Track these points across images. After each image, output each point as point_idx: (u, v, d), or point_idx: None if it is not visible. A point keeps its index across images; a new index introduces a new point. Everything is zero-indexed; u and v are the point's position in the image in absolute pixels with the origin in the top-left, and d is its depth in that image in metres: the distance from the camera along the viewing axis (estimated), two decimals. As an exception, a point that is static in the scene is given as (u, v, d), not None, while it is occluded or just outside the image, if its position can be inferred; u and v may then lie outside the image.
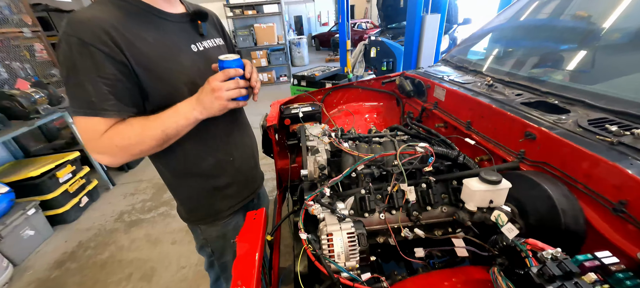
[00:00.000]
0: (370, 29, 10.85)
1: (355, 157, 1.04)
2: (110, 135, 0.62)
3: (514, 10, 1.46)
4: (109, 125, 0.62)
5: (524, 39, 1.31)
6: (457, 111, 1.14)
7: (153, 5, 0.70)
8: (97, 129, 0.62)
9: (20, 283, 1.79)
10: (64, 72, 0.59)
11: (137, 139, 0.64)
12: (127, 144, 0.64)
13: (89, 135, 0.62)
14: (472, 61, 1.41)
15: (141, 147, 0.66)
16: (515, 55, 1.25)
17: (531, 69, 1.11)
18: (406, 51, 2.87)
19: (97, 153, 0.65)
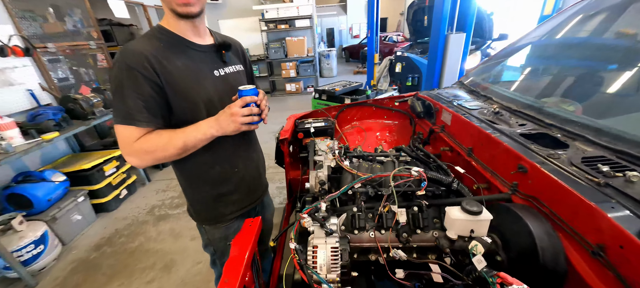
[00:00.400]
0: (401, 43, 10.75)
1: (353, 175, 1.09)
2: (141, 142, 0.76)
3: (533, 35, 1.43)
4: (141, 133, 0.76)
5: (537, 66, 1.27)
6: (461, 137, 1.14)
7: (186, 38, 0.84)
8: (131, 136, 0.76)
9: (66, 261, 2.08)
10: (112, 88, 0.75)
11: (162, 147, 0.78)
12: (153, 149, 0.77)
13: (124, 140, 0.76)
14: (484, 85, 1.39)
15: (164, 154, 0.79)
16: (527, 83, 1.22)
17: (542, 98, 1.09)
18: (428, 70, 2.84)
19: (128, 155, 0.78)
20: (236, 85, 0.98)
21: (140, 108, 0.74)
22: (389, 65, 4.34)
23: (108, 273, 1.92)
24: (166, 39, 0.81)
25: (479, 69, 1.66)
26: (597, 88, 1.01)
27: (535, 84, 1.23)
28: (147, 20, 4.80)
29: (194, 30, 0.86)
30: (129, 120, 0.74)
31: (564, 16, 1.33)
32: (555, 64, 1.26)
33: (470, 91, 1.45)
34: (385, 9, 16.09)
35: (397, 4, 16.44)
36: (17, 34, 2.54)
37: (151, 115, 0.77)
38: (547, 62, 1.29)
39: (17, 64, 2.49)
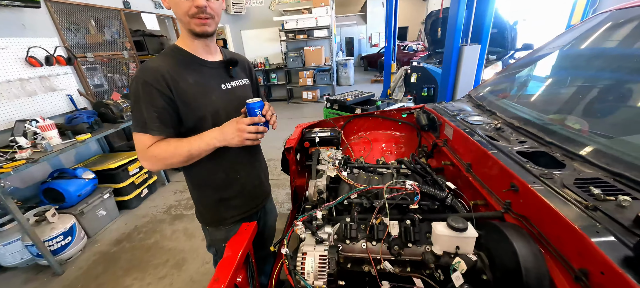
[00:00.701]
0: (421, 52, 10.61)
1: (350, 186, 1.12)
2: (153, 149, 0.84)
3: (546, 48, 1.39)
4: (153, 141, 0.85)
5: (546, 80, 1.24)
6: (461, 152, 1.13)
7: (197, 56, 0.93)
8: (145, 143, 0.84)
9: (89, 253, 2.25)
10: (132, 100, 0.85)
11: (171, 154, 0.85)
12: (163, 156, 0.85)
13: (139, 147, 0.86)
14: (491, 100, 1.37)
15: (172, 161, 0.87)
16: (534, 98, 1.19)
17: (548, 114, 1.06)
18: (442, 81, 2.80)
19: (142, 160, 0.87)
20: (242, 97, 1.05)
21: (153, 118, 0.82)
22: (404, 75, 4.31)
23: (125, 266, 2.06)
24: (180, 57, 0.91)
25: (489, 82, 1.63)
26: (607, 105, 0.97)
27: (543, 99, 1.20)
28: (175, 31, 5.14)
29: (206, 48, 0.95)
30: (144, 128, 0.83)
31: (581, 29, 1.29)
32: (564, 79, 1.22)
33: (477, 105, 1.43)
34: (406, 18, 15.99)
35: (418, 13, 16.29)
36: (62, 45, 2.84)
37: (163, 125, 0.85)
38: (557, 77, 1.25)
39: (59, 72, 2.78)
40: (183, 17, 0.84)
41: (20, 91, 2.40)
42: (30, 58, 2.46)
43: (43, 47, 2.59)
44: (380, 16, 13.74)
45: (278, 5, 7.19)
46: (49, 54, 2.62)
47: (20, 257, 2.05)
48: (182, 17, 0.84)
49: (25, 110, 2.43)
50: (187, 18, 0.83)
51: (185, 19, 0.83)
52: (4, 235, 1.99)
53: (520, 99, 1.29)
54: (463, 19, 2.43)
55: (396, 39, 6.43)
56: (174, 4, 0.83)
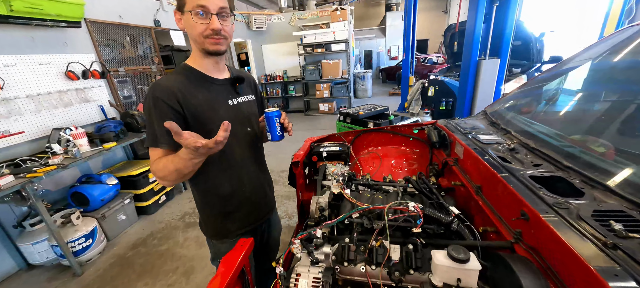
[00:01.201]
0: (441, 65, 10.38)
1: (352, 204, 1.09)
2: (157, 162, 0.87)
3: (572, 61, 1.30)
4: (162, 154, 0.87)
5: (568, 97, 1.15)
6: (471, 172, 1.07)
7: (207, 74, 0.98)
8: (155, 156, 0.88)
9: (108, 256, 2.36)
10: (145, 115, 0.89)
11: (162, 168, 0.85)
12: (161, 169, 0.86)
13: (151, 160, 0.89)
14: (507, 117, 1.29)
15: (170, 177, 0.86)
16: (554, 116, 1.11)
17: (569, 134, 0.97)
18: (460, 96, 2.71)
19: (152, 172, 0.90)
20: (247, 112, 1.09)
21: (163, 133, 0.85)
22: (421, 88, 4.22)
23: (138, 271, 2.13)
24: (190, 75, 0.95)
25: (506, 97, 1.55)
26: (638, 127, 0.87)
27: (564, 117, 1.11)
28: (199, 46, 5.45)
29: (216, 66, 1.00)
30: (154, 142, 0.86)
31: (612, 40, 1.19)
32: (591, 96, 1.13)
33: (491, 123, 1.35)
34: (427, 30, 15.85)
35: (439, 25, 16.10)
36: (97, 60, 3.10)
37: (172, 139, 0.86)
38: (583, 93, 1.15)
39: (94, 85, 3.02)
40: (198, 38, 0.88)
41: (59, 102, 2.63)
42: (69, 72, 2.70)
43: (81, 63, 2.84)
44: (399, 29, 13.71)
45: (298, 21, 7.41)
46: (85, 68, 2.87)
47: (46, 257, 2.19)
48: (196, 38, 0.88)
49: (61, 119, 2.65)
50: (201, 38, 0.88)
51: (200, 39, 0.88)
52: (33, 234, 2.15)
53: (539, 116, 1.21)
54: (481, 32, 2.35)
55: (414, 52, 6.36)
56: (189, 25, 0.87)
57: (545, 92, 1.30)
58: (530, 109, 1.28)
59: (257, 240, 1.27)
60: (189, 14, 0.84)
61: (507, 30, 2.38)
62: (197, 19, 0.84)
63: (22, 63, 2.34)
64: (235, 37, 6.81)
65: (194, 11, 0.83)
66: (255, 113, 1.15)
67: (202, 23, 0.85)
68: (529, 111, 1.28)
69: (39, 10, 2.28)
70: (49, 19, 2.42)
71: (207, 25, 0.85)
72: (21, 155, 2.24)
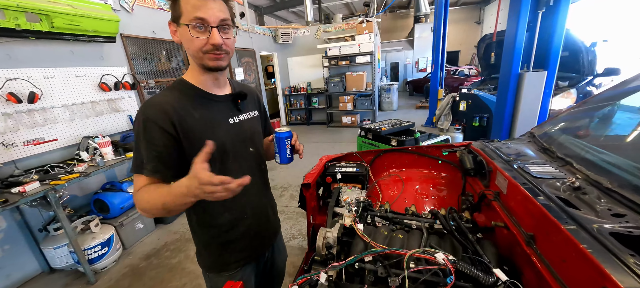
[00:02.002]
0: (473, 77, 9.78)
1: (366, 244, 0.92)
2: (142, 192, 0.76)
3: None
4: (146, 183, 0.76)
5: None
6: (520, 214, 0.85)
7: (206, 90, 0.88)
8: (138, 184, 0.77)
9: (122, 265, 2.37)
10: (134, 138, 0.80)
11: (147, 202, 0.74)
12: (144, 204, 0.75)
13: (134, 187, 0.79)
14: (564, 143, 1.04)
15: (152, 211, 0.75)
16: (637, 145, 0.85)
17: (661, 174, 0.72)
18: (497, 113, 2.41)
19: (135, 202, 0.78)
20: (250, 130, 0.97)
21: (151, 158, 0.76)
22: (452, 102, 3.91)
23: (148, 284, 2.09)
24: (187, 91, 0.85)
25: (561, 117, 1.29)
26: None
27: (650, 150, 0.85)
28: (226, 59, 5.63)
29: (215, 82, 0.90)
30: (139, 168, 0.77)
31: None
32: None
33: (543, 149, 1.11)
34: (458, 41, 15.22)
35: (471, 36, 15.37)
36: (129, 72, 3.27)
37: (161, 165, 0.77)
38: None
39: (124, 96, 3.18)
40: (196, 53, 0.78)
41: (91, 111, 2.78)
42: (102, 83, 2.86)
43: (113, 75, 3.00)
44: (427, 41, 13.28)
45: (323, 34, 7.45)
46: (117, 80, 3.02)
47: (66, 261, 2.24)
48: (194, 53, 0.78)
49: (92, 128, 2.79)
50: (200, 54, 0.78)
51: (199, 54, 0.78)
52: (56, 239, 2.22)
53: (613, 144, 0.95)
54: (523, 42, 2.08)
55: (444, 64, 6.03)
56: (186, 39, 0.77)
57: (620, 112, 1.03)
58: (597, 133, 1.03)
59: (259, 271, 1.13)
60: (186, 27, 0.74)
61: (555, 39, 2.08)
62: (195, 32, 0.74)
63: (61, 75, 2.50)
64: (263, 50, 6.99)
65: (192, 24, 0.73)
66: (259, 131, 1.04)
67: (201, 37, 0.75)
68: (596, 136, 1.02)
69: (77, 27, 2.44)
70: (87, 34, 2.58)
71: (206, 40, 0.75)
72: (53, 162, 2.36)
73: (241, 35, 6.01)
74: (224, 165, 0.86)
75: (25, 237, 2.24)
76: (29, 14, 2.10)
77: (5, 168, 2.12)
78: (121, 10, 3.20)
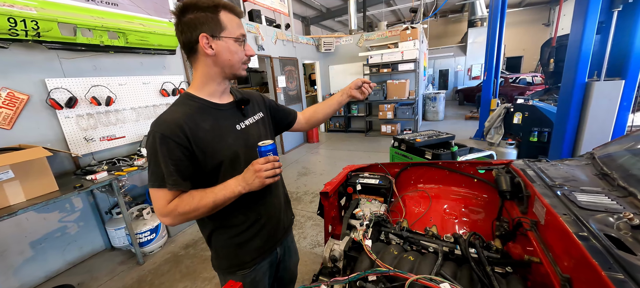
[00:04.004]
0: (537, 85, 8.60)
1: (372, 262, 0.87)
2: (174, 204, 0.84)
3: None
4: (172, 196, 0.84)
5: None
6: (557, 252, 0.71)
7: (212, 101, 0.94)
8: (164, 198, 0.84)
9: (165, 251, 2.65)
10: (148, 155, 0.86)
11: (194, 208, 0.84)
12: (187, 210, 0.84)
13: (158, 202, 0.85)
14: (631, 169, 0.84)
15: (196, 214, 0.86)
16: None
17: None
18: (557, 127, 2.08)
19: (162, 216, 0.86)
20: (256, 134, 1.02)
21: (171, 172, 0.81)
22: (505, 114, 3.50)
23: (183, 271, 2.30)
24: (195, 104, 0.91)
25: (632, 135, 1.05)
26: None
27: None
28: (271, 68, 5.97)
29: (223, 91, 0.96)
30: (161, 183, 0.82)
31: None
32: None
33: (602, 174, 0.92)
34: (521, 45, 13.64)
35: (538, 39, 13.57)
36: (185, 80, 3.69)
37: (180, 178, 0.83)
38: None
39: (179, 100, 3.59)
40: (237, 63, 0.89)
41: (153, 113, 3.21)
42: (162, 90, 3.28)
43: (172, 82, 3.43)
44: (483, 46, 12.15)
45: (366, 42, 7.39)
46: (175, 87, 3.44)
47: (123, 242, 2.60)
48: (235, 64, 0.89)
49: (152, 128, 3.21)
50: (239, 64, 0.90)
51: (238, 65, 0.89)
52: (117, 221, 2.59)
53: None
54: (591, 46, 1.77)
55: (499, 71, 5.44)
56: (228, 52, 0.85)
57: None
58: None
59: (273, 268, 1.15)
60: (229, 40, 0.84)
61: (636, 42, 1.71)
62: (237, 46, 0.87)
63: (131, 82, 2.95)
64: (306, 58, 7.23)
65: (239, 40, 0.86)
66: (266, 132, 1.08)
67: (242, 50, 0.88)
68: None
69: (146, 42, 2.86)
70: (153, 48, 3.01)
71: (244, 52, 0.88)
72: (120, 155, 2.79)
73: (285, 45, 6.31)
74: (235, 170, 0.91)
75: (95, 217, 2.67)
76: (110, 32, 2.53)
77: (85, 158, 2.58)
78: (181, 26, 3.64)
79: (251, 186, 0.85)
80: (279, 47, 6.10)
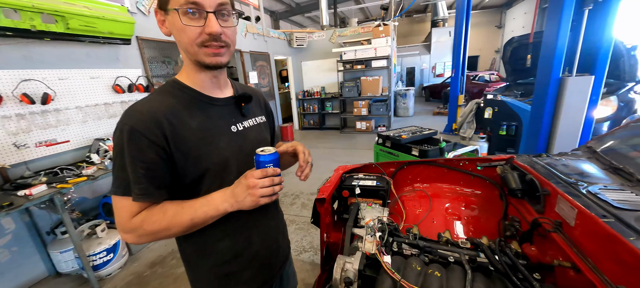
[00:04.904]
0: (495, 83, 9.34)
1: (395, 283, 0.75)
2: (140, 219, 0.64)
3: None
4: (139, 207, 0.64)
5: None
6: (600, 258, 0.65)
7: (206, 93, 0.74)
8: (127, 210, 0.64)
9: (127, 272, 2.30)
10: (114, 153, 0.65)
11: (166, 226, 0.65)
12: (156, 228, 0.64)
13: (121, 214, 0.65)
14: (647, 165, 0.83)
15: (167, 233, 0.66)
16: None
17: None
18: (532, 125, 2.17)
19: (123, 232, 0.66)
20: (255, 140, 0.82)
21: (139, 177, 0.62)
22: (476, 109, 3.66)
23: (151, 295, 2.00)
24: (182, 95, 0.71)
25: (634, 127, 1.07)
26: None
27: None
28: (242, 63, 5.61)
29: (214, 82, 0.76)
30: (125, 190, 0.63)
31: None
32: None
33: (613, 168, 0.90)
34: (477, 46, 14.73)
35: (491, 41, 14.81)
36: (143, 75, 3.26)
37: (152, 186, 0.64)
38: None
39: (138, 98, 3.16)
40: (190, 47, 0.64)
41: (104, 113, 2.76)
42: (116, 86, 2.84)
43: (128, 77, 2.99)
44: (445, 45, 12.92)
45: (339, 38, 7.34)
46: (131, 82, 3.01)
47: (72, 266, 2.19)
48: (188, 46, 0.65)
49: (105, 130, 2.77)
50: (195, 47, 0.64)
51: (193, 48, 0.64)
52: (63, 243, 2.18)
53: None
54: (565, 43, 1.85)
55: (465, 69, 5.74)
56: (177, 29, 0.63)
57: None
58: None
59: None
60: (176, 13, 0.61)
61: (604, 39, 1.83)
62: (187, 19, 0.61)
63: (75, 76, 2.50)
64: (278, 54, 6.95)
65: (183, 9, 0.60)
66: (267, 139, 0.89)
67: (195, 25, 0.62)
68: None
69: (92, 28, 2.43)
70: (102, 36, 2.57)
71: (201, 29, 0.62)
72: (64, 163, 2.34)
73: (256, 39, 5.99)
74: (224, 182, 0.71)
75: (34, 240, 2.21)
76: (44, 15, 2.09)
77: (17, 169, 2.11)
78: (137, 13, 3.20)
79: (241, 204, 0.66)
80: (249, 41, 5.77)
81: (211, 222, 0.69)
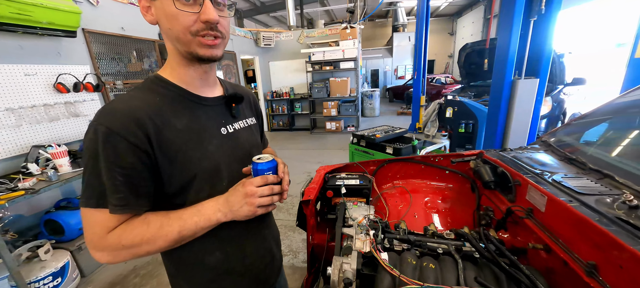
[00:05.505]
0: (450, 85, 10.20)
1: (394, 279, 0.76)
2: (118, 232, 0.55)
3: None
4: (117, 221, 0.56)
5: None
6: (570, 239, 0.74)
7: (194, 92, 0.67)
8: (102, 224, 0.55)
9: (80, 298, 2.01)
10: (85, 158, 0.55)
11: (150, 238, 0.56)
12: (137, 242, 0.56)
13: (93, 230, 0.55)
14: (594, 154, 0.97)
15: (150, 248, 0.57)
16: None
17: None
18: (490, 123, 2.40)
19: (96, 249, 0.56)
20: (246, 143, 0.76)
21: (117, 185, 0.54)
22: (438, 109, 3.94)
23: (112, 321, 1.77)
24: (167, 93, 0.63)
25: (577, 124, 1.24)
26: None
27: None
28: (205, 61, 5.30)
29: (204, 79, 0.69)
30: (99, 201, 0.54)
31: None
32: None
33: (567, 159, 1.03)
34: (433, 51, 15.91)
35: (445, 46, 16.15)
36: (93, 72, 2.89)
37: (132, 195, 0.56)
38: None
39: (86, 98, 2.80)
40: (182, 35, 0.57)
41: (44, 116, 2.39)
42: (58, 84, 2.47)
43: (73, 74, 2.62)
44: (406, 49, 13.74)
45: (306, 39, 7.34)
46: (77, 80, 2.65)
47: (6, 298, 1.85)
48: (179, 36, 0.57)
49: (45, 135, 2.40)
50: (188, 36, 0.57)
51: (186, 37, 0.57)
52: (-7, 271, 1.82)
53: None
54: (516, 49, 2.08)
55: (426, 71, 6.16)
56: (168, 16, 0.56)
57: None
58: (632, 141, 0.96)
59: None
60: None
61: (546, 47, 2.11)
62: (181, 4, 0.54)
63: (5, 73, 2.12)
64: (244, 53, 6.71)
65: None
66: (258, 143, 0.84)
67: (190, 11, 0.55)
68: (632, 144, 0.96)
69: (27, 17, 2.09)
70: (40, 26, 2.22)
71: (197, 16, 0.56)
72: (-9, 176, 1.96)
73: (221, 36, 5.71)
74: (213, 189, 0.66)
75: (-48, 270, 1.81)
76: (-38, -2, 1.73)
77: None
78: (84, 3, 2.83)
79: (236, 214, 0.62)
80: (214, 39, 5.48)
81: (201, 234, 0.63)
